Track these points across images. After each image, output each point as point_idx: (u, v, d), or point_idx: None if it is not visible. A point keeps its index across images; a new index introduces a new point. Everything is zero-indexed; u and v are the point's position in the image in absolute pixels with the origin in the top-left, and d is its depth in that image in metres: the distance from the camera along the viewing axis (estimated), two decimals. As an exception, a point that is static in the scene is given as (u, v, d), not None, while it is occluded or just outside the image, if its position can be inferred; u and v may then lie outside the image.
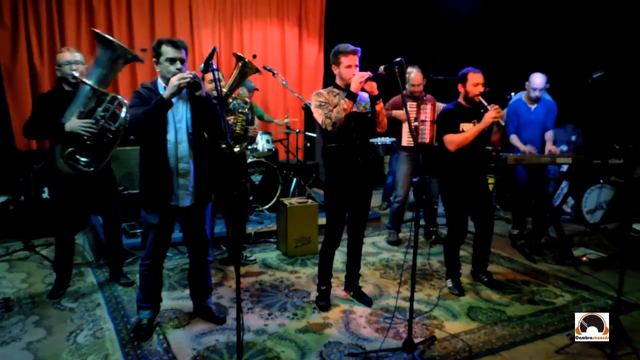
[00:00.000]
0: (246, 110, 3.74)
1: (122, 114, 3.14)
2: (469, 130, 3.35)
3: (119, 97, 3.18)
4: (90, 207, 3.50)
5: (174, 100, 2.64)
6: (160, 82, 2.74)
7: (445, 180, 3.58)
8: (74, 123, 3.05)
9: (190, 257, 3.08)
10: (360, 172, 3.14)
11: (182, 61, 2.68)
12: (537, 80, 4.52)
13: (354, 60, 3.05)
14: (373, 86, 3.01)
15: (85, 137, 3.07)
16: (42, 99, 3.31)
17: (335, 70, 3.13)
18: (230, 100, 3.73)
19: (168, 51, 2.64)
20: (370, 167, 3.20)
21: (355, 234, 3.37)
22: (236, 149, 3.70)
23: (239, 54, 3.71)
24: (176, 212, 2.83)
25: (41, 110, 3.18)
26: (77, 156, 3.13)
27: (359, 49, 3.08)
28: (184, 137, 2.74)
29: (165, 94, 2.58)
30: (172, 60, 2.65)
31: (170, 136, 2.70)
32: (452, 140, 3.39)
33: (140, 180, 2.81)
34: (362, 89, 3.01)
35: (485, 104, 3.31)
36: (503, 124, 3.38)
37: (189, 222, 2.94)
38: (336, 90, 3.13)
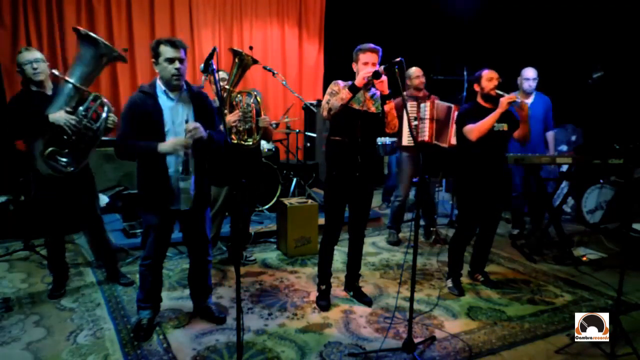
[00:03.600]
0: (251, 101, 3.74)
1: (104, 114, 3.15)
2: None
3: (101, 97, 3.19)
4: (73, 209, 3.43)
5: (173, 103, 2.68)
6: (160, 84, 2.72)
7: (461, 179, 3.58)
8: (60, 115, 2.99)
9: (190, 257, 3.08)
10: (359, 170, 3.14)
11: (182, 61, 2.66)
12: (529, 72, 4.60)
13: (371, 58, 3.03)
14: (384, 85, 2.97)
15: (68, 132, 3.02)
16: (14, 101, 3.18)
17: (355, 68, 3.13)
18: (235, 94, 3.73)
19: (167, 51, 2.62)
20: (370, 166, 3.19)
21: (355, 233, 3.37)
22: (249, 142, 3.69)
23: (234, 48, 3.73)
24: (176, 214, 2.84)
25: (18, 110, 3.08)
26: (57, 156, 3.08)
27: (379, 48, 3.06)
28: None
29: (160, 148, 2.61)
30: (171, 60, 2.63)
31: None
32: (471, 129, 3.36)
33: (138, 182, 2.80)
34: (374, 86, 3.00)
35: (502, 93, 3.35)
36: (519, 101, 3.35)
37: (190, 223, 2.94)
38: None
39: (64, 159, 3.10)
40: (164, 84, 2.70)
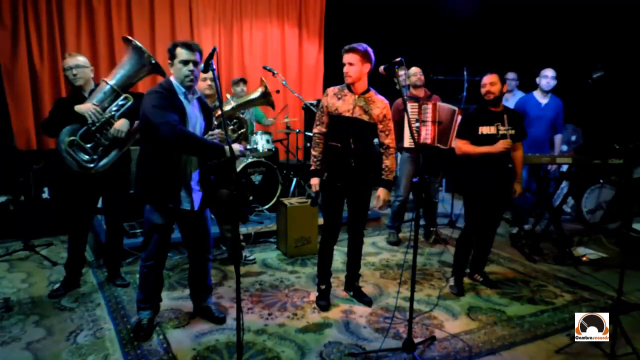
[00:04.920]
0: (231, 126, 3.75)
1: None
2: (487, 138, 3.39)
3: (131, 100, 3.26)
4: (96, 206, 3.52)
5: (190, 104, 2.75)
6: (178, 85, 2.74)
7: (462, 180, 3.61)
8: (84, 105, 3.15)
9: (191, 257, 3.08)
10: (353, 173, 3.13)
11: (196, 63, 2.69)
12: (548, 70, 4.65)
13: (347, 58, 3.03)
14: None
15: (89, 122, 3.13)
16: (59, 101, 3.42)
17: None
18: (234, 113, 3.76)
19: (182, 53, 2.67)
20: (365, 169, 3.16)
21: (354, 234, 3.37)
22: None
23: (265, 83, 3.81)
24: (179, 214, 2.84)
25: (57, 110, 3.25)
26: (80, 148, 3.17)
27: (357, 46, 3.02)
28: None
29: (227, 149, 2.59)
30: (186, 62, 2.67)
31: None
32: (459, 147, 3.48)
33: (146, 182, 2.76)
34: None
35: (505, 121, 3.39)
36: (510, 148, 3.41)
37: (193, 222, 2.94)
38: (345, 92, 3.13)
39: (85, 154, 3.19)
40: (180, 84, 2.74)
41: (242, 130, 3.81)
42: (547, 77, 4.62)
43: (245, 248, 4.33)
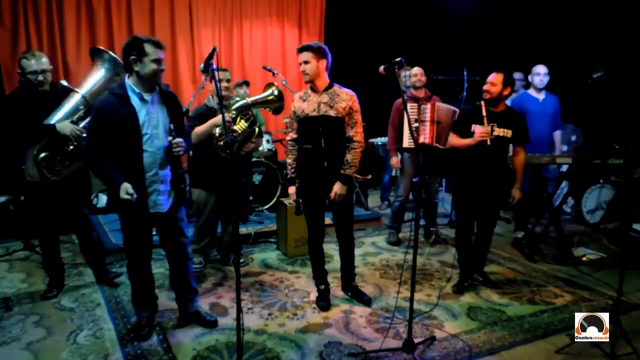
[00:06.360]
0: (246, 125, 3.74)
1: None
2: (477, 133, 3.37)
3: None
4: (66, 212, 3.42)
5: (147, 105, 2.63)
6: (132, 85, 2.62)
7: (453, 177, 3.67)
8: (66, 125, 3.01)
9: (170, 259, 3.00)
10: (326, 174, 3.10)
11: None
12: (540, 67, 4.60)
13: (301, 57, 3.04)
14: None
15: (73, 142, 3.05)
16: (12, 103, 3.16)
17: None
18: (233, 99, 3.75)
19: (154, 52, 2.57)
20: (340, 168, 3.11)
21: (340, 236, 3.35)
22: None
23: (278, 86, 3.87)
24: (152, 216, 2.76)
25: (15, 113, 3.07)
26: (49, 162, 3.08)
27: (308, 44, 3.06)
28: (161, 143, 2.68)
29: (121, 187, 2.52)
30: (159, 61, 2.59)
31: (147, 145, 2.63)
32: (449, 140, 3.57)
33: (110, 192, 2.70)
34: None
35: (484, 114, 3.36)
36: (489, 143, 3.33)
37: (166, 225, 2.86)
38: (309, 92, 3.16)
39: (53, 168, 3.10)
40: (142, 83, 2.62)
41: (255, 127, 3.80)
42: (540, 74, 4.58)
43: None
